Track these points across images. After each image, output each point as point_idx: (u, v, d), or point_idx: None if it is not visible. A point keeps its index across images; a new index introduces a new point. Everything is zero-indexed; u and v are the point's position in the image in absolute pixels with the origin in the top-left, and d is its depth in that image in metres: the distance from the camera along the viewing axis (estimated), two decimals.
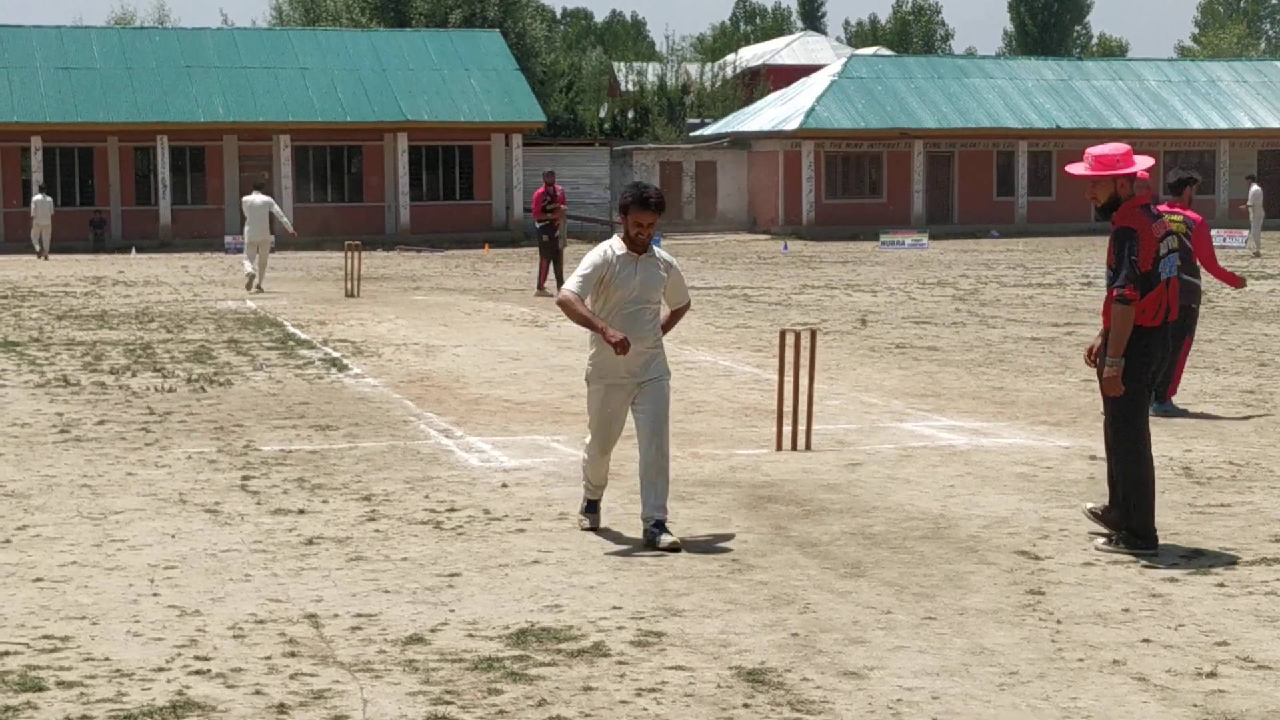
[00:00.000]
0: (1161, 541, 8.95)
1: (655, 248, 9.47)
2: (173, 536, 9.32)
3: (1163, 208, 12.91)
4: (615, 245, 9.30)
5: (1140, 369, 8.90)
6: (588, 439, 9.59)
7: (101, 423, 13.84)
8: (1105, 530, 9.07)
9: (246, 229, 31.21)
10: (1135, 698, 6.33)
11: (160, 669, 6.75)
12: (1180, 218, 13.56)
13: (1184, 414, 13.85)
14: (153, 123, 51.96)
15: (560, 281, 29.42)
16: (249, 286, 30.75)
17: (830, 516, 9.80)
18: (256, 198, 31.35)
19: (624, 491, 10.61)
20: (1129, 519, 8.87)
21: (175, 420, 13.98)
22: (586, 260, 9.24)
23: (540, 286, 29.65)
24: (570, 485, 10.86)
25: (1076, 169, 9.13)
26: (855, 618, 7.49)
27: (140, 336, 21.73)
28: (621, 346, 8.89)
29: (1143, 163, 9.06)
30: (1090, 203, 9.17)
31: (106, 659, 6.89)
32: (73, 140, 52.65)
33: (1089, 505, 9.38)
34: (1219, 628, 7.29)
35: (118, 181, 53.49)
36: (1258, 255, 42.32)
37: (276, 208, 31.71)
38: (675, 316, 9.81)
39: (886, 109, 59.44)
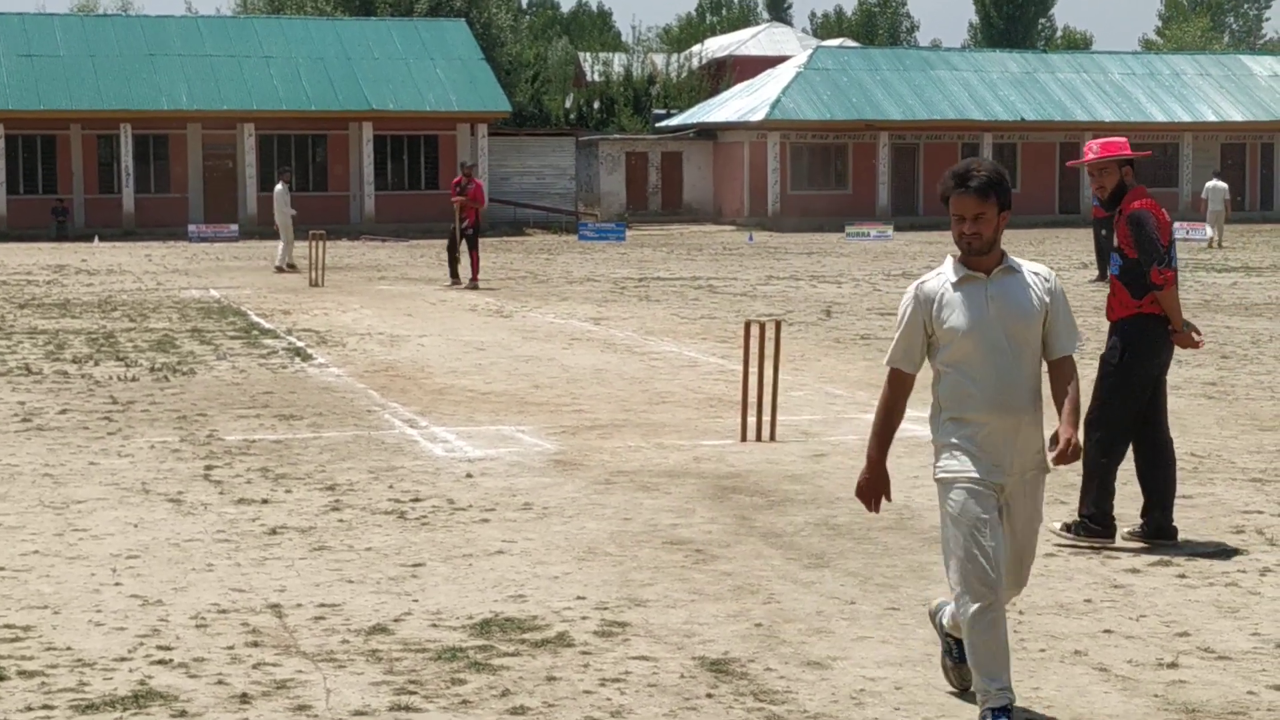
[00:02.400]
0: (1124, 533, 8.98)
1: (1022, 261, 6.02)
2: (135, 526, 9.28)
3: None
4: (945, 268, 6.00)
5: (1146, 358, 8.86)
6: (955, 593, 5.92)
7: (64, 412, 13.77)
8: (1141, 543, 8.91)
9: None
10: (1097, 688, 6.36)
11: (122, 659, 6.72)
12: None
13: None
14: (116, 110, 51.70)
15: (476, 271, 28.99)
16: (289, 269, 33.31)
17: (794, 507, 9.81)
18: (278, 186, 35.08)
19: (590, 481, 10.61)
20: (1085, 505, 8.88)
21: (138, 409, 13.92)
22: (901, 307, 6.06)
23: (454, 276, 29.31)
24: (535, 475, 10.85)
25: (1084, 158, 9.09)
26: (819, 608, 7.50)
27: (103, 325, 21.64)
28: (869, 498, 6.11)
29: (1123, 142, 9.10)
30: (1096, 194, 9.13)
31: (68, 649, 6.86)
32: (35, 128, 52.34)
33: (1125, 530, 9.02)
34: (1180, 618, 7.33)
35: (80, 169, 53.19)
36: (1217, 247, 42.70)
37: (287, 196, 34.98)
38: (1063, 389, 5.95)
39: (852, 100, 59.54)
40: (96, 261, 38.10)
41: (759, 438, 12.21)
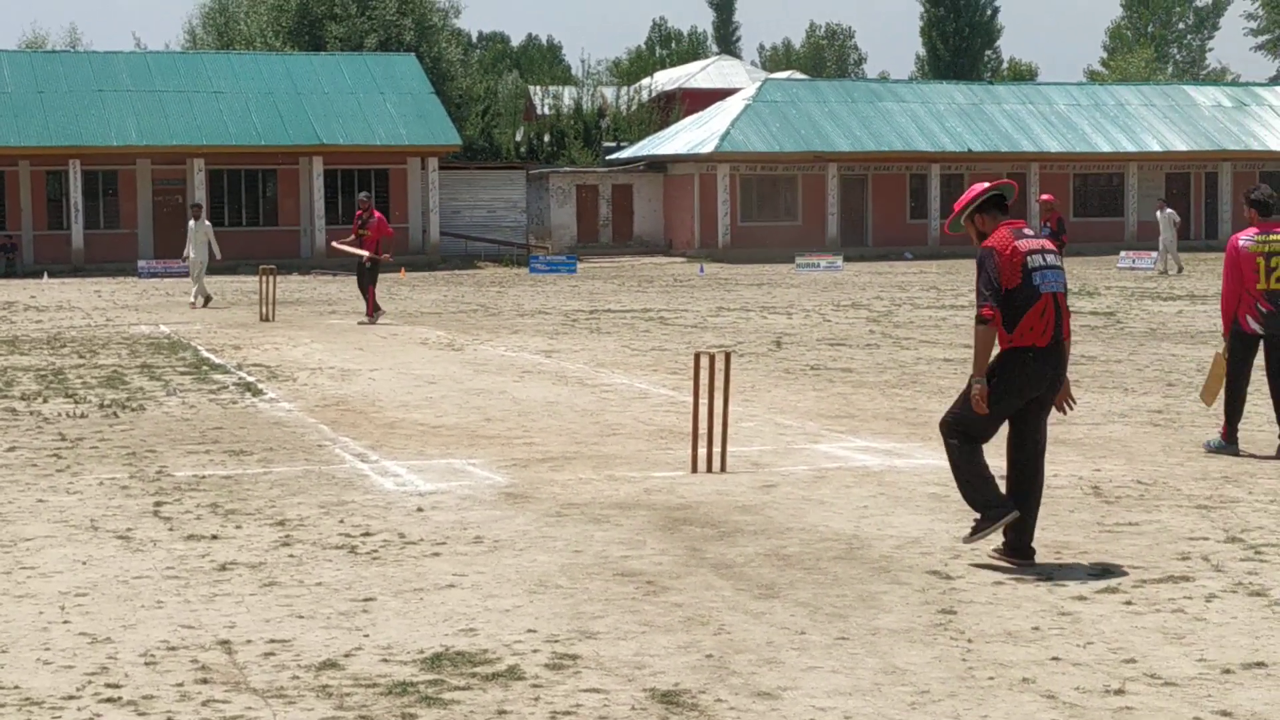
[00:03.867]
0: (1071, 560, 9.06)
1: None
2: (84, 563, 9.24)
3: (1256, 230, 12.89)
4: None
5: (1020, 387, 9.02)
6: None
7: (12, 449, 13.69)
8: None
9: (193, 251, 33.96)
10: (1044, 715, 6.40)
11: (70, 697, 6.69)
12: None
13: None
14: (65, 146, 51.53)
15: (370, 305, 28.32)
16: (202, 304, 33.21)
17: (744, 538, 9.84)
18: (204, 221, 34.64)
19: (541, 514, 10.63)
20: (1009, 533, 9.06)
21: (87, 446, 13.86)
22: None
23: (370, 313, 28.45)
24: (486, 509, 10.85)
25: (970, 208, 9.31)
26: (769, 638, 7.53)
27: (52, 362, 21.53)
28: None
29: (980, 186, 9.30)
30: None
31: (16, 687, 6.83)
32: None
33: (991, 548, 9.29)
34: (1127, 645, 7.38)
35: (29, 205, 52.95)
36: (1165, 273, 43.27)
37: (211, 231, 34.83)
38: None
39: (801, 132, 59.81)
40: (45, 298, 37.90)
41: (709, 469, 12.24)
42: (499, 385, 18.35)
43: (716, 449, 12.37)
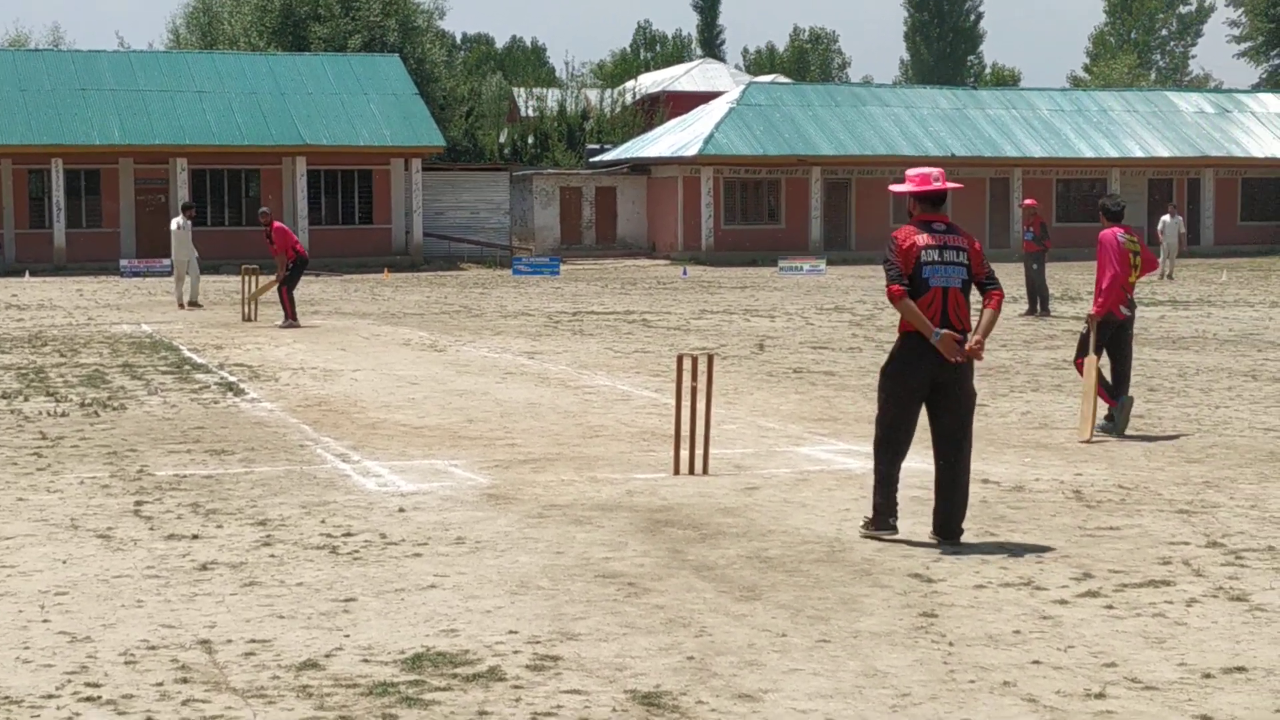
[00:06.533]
0: (1052, 563, 9.08)
1: None
2: (64, 562, 9.22)
3: (1121, 230, 14.58)
4: None
5: (907, 372, 9.60)
6: None
7: None
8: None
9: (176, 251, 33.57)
10: (1025, 718, 6.41)
11: (50, 695, 6.67)
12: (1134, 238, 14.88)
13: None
14: (47, 145, 51.36)
15: (288, 308, 27.85)
16: (186, 305, 32.88)
17: (726, 540, 9.84)
18: (176, 221, 34.05)
19: (522, 515, 10.62)
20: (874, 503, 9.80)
21: (68, 445, 13.82)
22: None
23: (290, 316, 27.99)
24: (467, 509, 10.84)
25: (899, 188, 10.08)
26: (750, 640, 7.53)
27: (33, 360, 21.47)
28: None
29: (903, 187, 9.98)
30: None
31: None
32: None
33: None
34: (1108, 649, 7.40)
35: (11, 204, 52.77)
36: (1167, 278, 43.42)
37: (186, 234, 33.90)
38: None
39: (784, 136, 59.84)
40: (27, 296, 37.81)
41: (692, 471, 12.25)
42: (481, 386, 18.34)
43: (699, 451, 12.37)
